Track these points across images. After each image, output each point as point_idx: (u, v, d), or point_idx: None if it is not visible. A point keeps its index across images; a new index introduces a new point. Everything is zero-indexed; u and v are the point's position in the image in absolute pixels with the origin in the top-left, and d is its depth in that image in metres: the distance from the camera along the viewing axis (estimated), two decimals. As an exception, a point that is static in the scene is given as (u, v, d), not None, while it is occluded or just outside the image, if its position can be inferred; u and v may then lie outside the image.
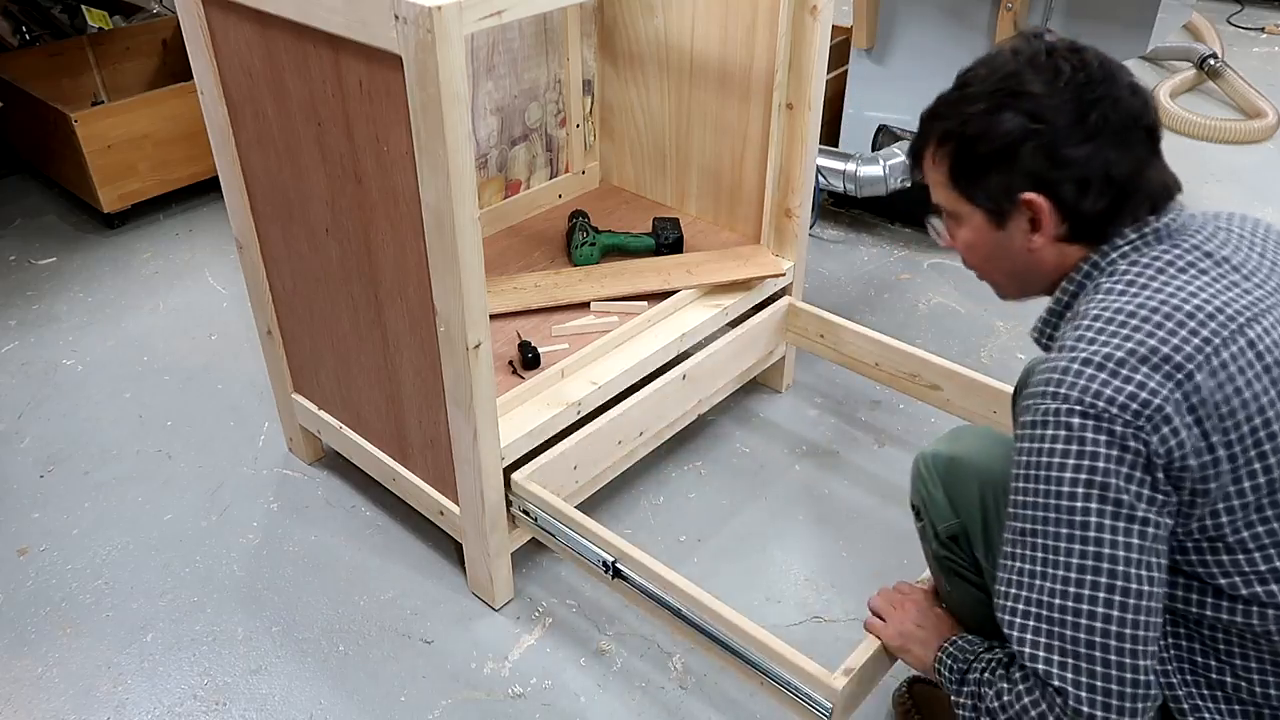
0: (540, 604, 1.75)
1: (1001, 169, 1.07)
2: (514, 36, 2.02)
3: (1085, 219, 1.06)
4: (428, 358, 1.53)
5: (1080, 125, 1.03)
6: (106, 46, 3.21)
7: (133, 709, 1.58)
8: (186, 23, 1.56)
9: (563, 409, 1.65)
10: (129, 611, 1.74)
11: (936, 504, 1.28)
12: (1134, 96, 1.05)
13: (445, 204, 1.30)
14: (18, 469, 2.06)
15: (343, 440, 1.86)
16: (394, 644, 1.68)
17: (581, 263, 1.98)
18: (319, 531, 1.90)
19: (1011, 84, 1.06)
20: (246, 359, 2.36)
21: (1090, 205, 1.05)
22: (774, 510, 1.94)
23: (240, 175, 1.68)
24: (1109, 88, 1.04)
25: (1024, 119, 1.04)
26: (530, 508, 1.63)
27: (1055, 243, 1.09)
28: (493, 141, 2.09)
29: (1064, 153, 1.04)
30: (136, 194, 2.90)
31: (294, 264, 1.71)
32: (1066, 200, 1.05)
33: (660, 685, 1.61)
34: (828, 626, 1.71)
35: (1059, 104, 1.03)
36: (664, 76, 2.06)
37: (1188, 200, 1.11)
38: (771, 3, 1.78)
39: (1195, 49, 3.93)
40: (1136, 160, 1.05)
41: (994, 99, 1.06)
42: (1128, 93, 1.04)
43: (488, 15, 1.22)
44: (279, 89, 1.49)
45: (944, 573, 1.31)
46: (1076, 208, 1.06)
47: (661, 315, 1.86)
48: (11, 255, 2.82)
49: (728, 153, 2.02)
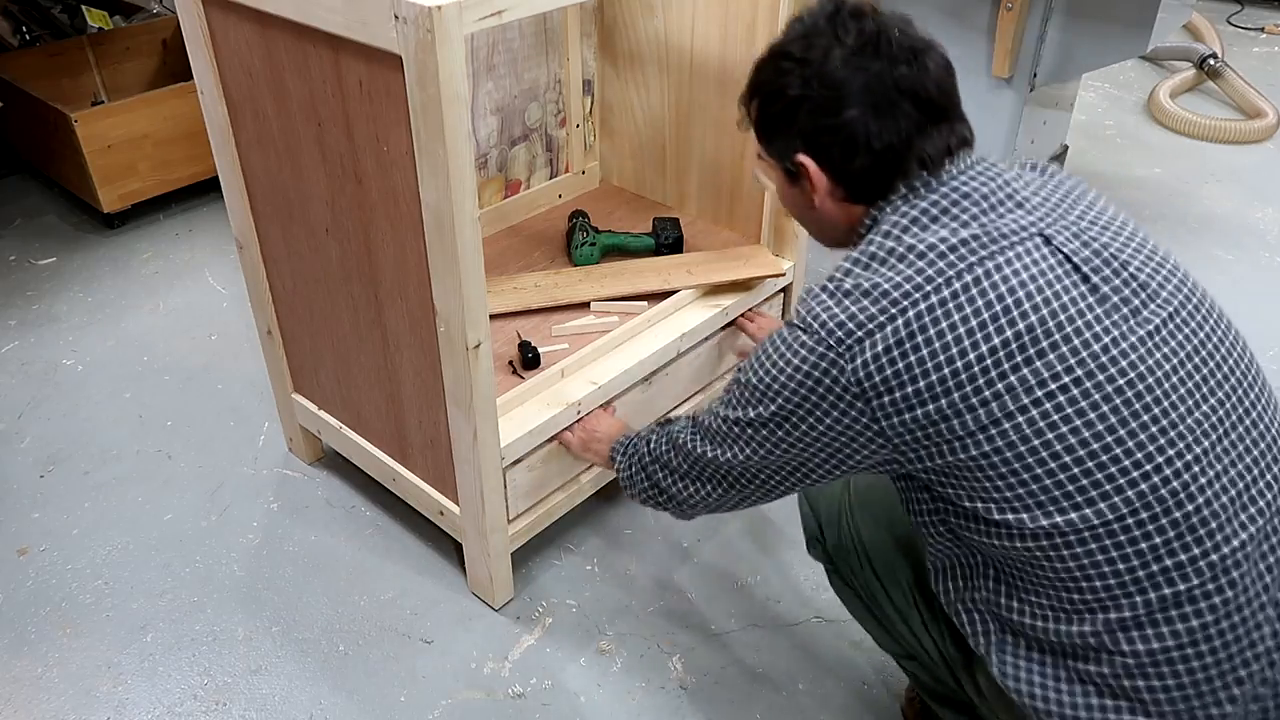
0: (540, 604, 1.75)
1: (785, 130, 1.12)
2: (514, 36, 2.02)
3: (855, 181, 1.10)
4: (428, 358, 1.53)
5: (845, 92, 1.06)
6: (106, 46, 3.21)
7: (133, 709, 1.58)
8: (186, 23, 1.56)
9: (563, 409, 1.65)
10: (129, 611, 1.74)
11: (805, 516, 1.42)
12: (909, 66, 1.06)
13: (445, 204, 1.30)
14: (18, 469, 2.06)
15: (343, 440, 1.86)
16: (394, 644, 1.68)
17: (581, 263, 1.98)
18: (319, 531, 1.90)
19: (796, 47, 1.10)
20: (246, 359, 2.36)
21: (856, 168, 1.09)
22: (774, 510, 1.94)
23: (240, 175, 1.68)
24: (879, 56, 1.06)
25: (800, 83, 1.08)
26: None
27: (838, 201, 1.14)
28: (493, 141, 2.09)
29: (829, 118, 1.07)
30: (136, 194, 2.90)
31: (294, 264, 1.71)
32: (834, 163, 1.10)
33: (660, 685, 1.61)
34: (829, 626, 1.71)
35: (830, 70, 1.07)
36: (664, 76, 2.06)
37: (1188, 202, 1.11)
38: (771, 3, 1.78)
39: (1195, 49, 3.93)
40: (900, 130, 1.06)
41: (782, 61, 1.11)
42: (902, 61, 1.06)
43: (488, 15, 1.22)
44: (279, 89, 1.49)
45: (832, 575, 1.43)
46: (844, 170, 1.10)
47: (661, 315, 1.86)
48: (11, 255, 2.82)
49: (728, 152, 2.02)
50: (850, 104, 1.06)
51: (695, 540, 1.88)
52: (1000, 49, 2.55)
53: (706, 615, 1.73)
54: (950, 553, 1.14)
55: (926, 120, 1.07)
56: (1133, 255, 1.06)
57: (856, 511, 1.34)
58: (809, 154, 1.11)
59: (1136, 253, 1.07)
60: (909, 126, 1.07)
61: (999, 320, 0.99)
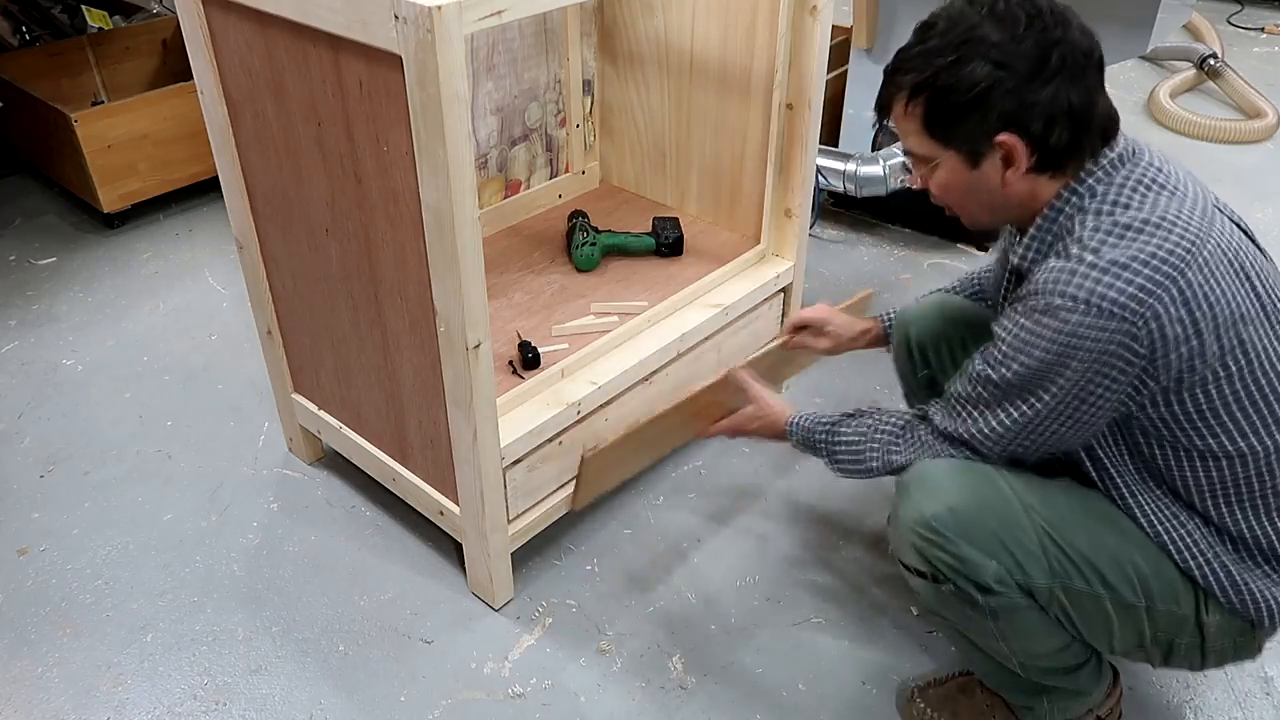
0: (540, 604, 1.75)
1: (975, 115, 1.18)
2: (514, 36, 2.02)
3: (1052, 151, 1.19)
4: (428, 358, 1.53)
5: (1043, 67, 1.14)
6: (106, 46, 3.21)
7: (133, 709, 1.58)
8: (186, 23, 1.56)
9: (563, 409, 1.65)
10: (129, 611, 1.74)
11: (970, 561, 1.24)
12: (1083, 35, 1.17)
13: (445, 204, 1.30)
14: (18, 469, 2.06)
15: (343, 440, 1.86)
16: (394, 644, 1.68)
17: (581, 263, 1.98)
18: (319, 531, 1.90)
19: (975, 34, 1.16)
20: (246, 359, 2.36)
21: (1056, 139, 1.17)
22: (774, 510, 1.94)
23: (240, 175, 1.68)
24: (1063, 30, 1.15)
25: (990, 66, 1.15)
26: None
27: (1026, 175, 1.21)
28: (493, 141, 2.09)
29: (1030, 94, 1.15)
30: (136, 194, 2.90)
31: (294, 264, 1.71)
32: (1036, 136, 1.17)
33: (660, 685, 1.61)
34: (829, 626, 1.71)
35: (1020, 50, 1.14)
36: (664, 76, 2.06)
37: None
38: (771, 3, 1.78)
39: (1195, 49, 3.93)
40: (1089, 93, 1.17)
41: (960, 49, 1.16)
42: (1078, 33, 1.16)
43: (488, 15, 1.22)
44: (279, 89, 1.49)
45: (993, 617, 1.28)
46: (1045, 142, 1.18)
47: (661, 315, 1.86)
48: (11, 255, 2.82)
49: (728, 153, 2.02)
50: (1048, 76, 1.14)
51: (695, 540, 1.88)
52: (1000, 49, 2.55)
53: (706, 615, 1.73)
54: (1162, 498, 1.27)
55: (1102, 79, 1.19)
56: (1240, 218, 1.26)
57: (1056, 530, 1.25)
58: (1012, 130, 1.17)
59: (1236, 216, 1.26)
60: (1095, 88, 1.18)
61: (1240, 277, 1.15)
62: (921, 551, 1.26)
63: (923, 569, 1.28)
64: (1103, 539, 1.25)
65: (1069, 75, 1.14)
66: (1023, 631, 1.29)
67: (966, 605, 1.27)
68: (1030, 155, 1.18)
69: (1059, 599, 1.26)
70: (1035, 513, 1.25)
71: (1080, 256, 1.14)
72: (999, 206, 1.26)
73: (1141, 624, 1.28)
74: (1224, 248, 1.15)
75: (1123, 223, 1.15)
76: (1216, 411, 1.18)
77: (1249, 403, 1.17)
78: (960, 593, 1.26)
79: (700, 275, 1.94)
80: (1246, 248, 1.19)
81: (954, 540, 1.23)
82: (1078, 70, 1.15)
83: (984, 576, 1.23)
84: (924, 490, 1.27)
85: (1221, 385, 1.16)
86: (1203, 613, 1.27)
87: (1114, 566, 1.25)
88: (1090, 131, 1.18)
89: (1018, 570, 1.24)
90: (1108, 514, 1.28)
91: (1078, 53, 1.15)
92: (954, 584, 1.25)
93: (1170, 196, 1.17)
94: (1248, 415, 1.18)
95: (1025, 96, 1.15)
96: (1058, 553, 1.24)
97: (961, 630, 1.35)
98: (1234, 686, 1.61)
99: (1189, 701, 1.59)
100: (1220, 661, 1.32)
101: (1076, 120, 1.16)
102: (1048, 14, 1.15)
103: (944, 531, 1.23)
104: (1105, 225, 1.15)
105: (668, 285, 1.93)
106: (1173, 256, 1.11)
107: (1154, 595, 1.26)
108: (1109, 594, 1.25)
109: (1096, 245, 1.14)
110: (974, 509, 1.24)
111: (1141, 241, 1.12)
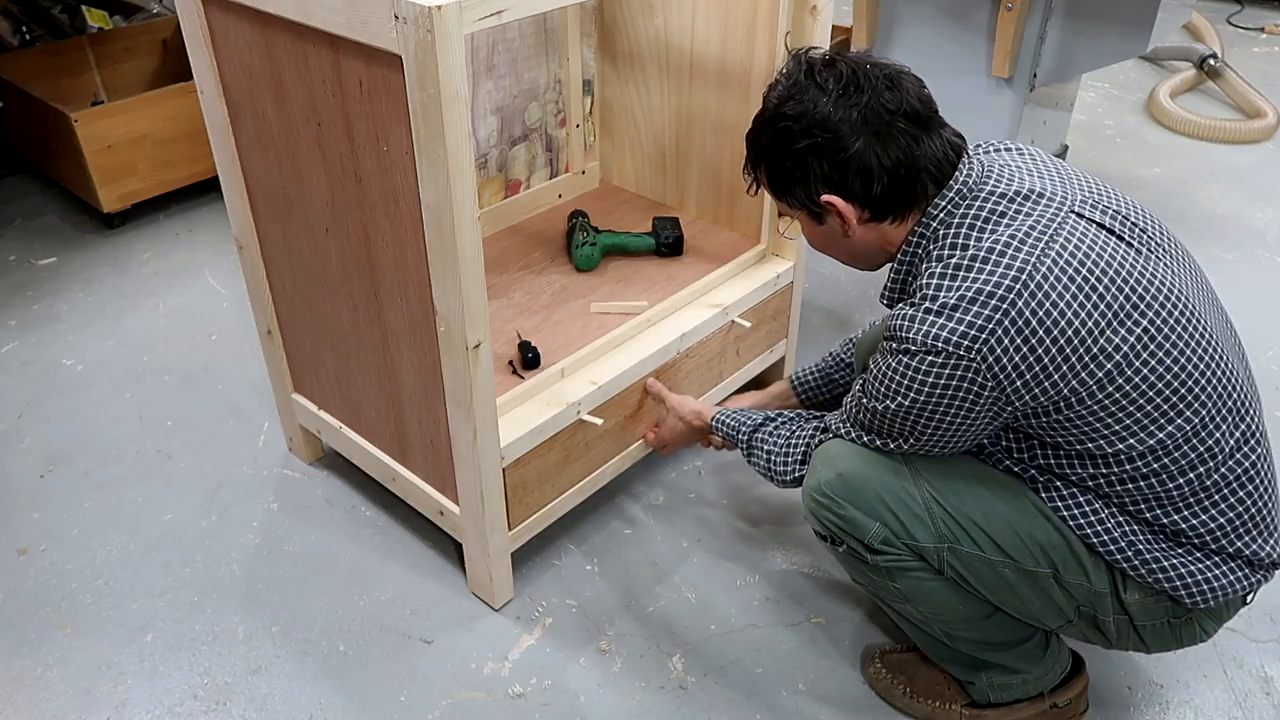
0: (540, 604, 1.75)
1: (800, 179, 1.27)
2: (514, 36, 2.02)
3: (879, 203, 1.26)
4: (428, 358, 1.53)
5: (846, 129, 1.22)
6: (106, 46, 3.21)
7: (133, 709, 1.58)
8: (186, 23, 1.56)
9: (563, 409, 1.65)
10: (129, 611, 1.74)
11: (854, 522, 1.34)
12: (890, 90, 1.23)
13: (445, 204, 1.31)
14: (18, 469, 2.06)
15: (343, 440, 1.86)
16: (394, 644, 1.68)
17: (581, 262, 1.98)
18: (319, 531, 1.90)
19: (787, 107, 1.25)
20: (246, 359, 2.36)
21: (878, 192, 1.24)
22: (774, 510, 1.94)
23: (240, 175, 1.68)
24: (872, 92, 1.22)
25: (802, 134, 1.24)
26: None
27: (868, 225, 1.29)
28: (493, 141, 2.09)
29: (840, 156, 1.23)
30: (136, 194, 2.90)
31: (294, 264, 1.71)
32: (857, 194, 1.25)
33: (660, 685, 1.61)
34: (828, 626, 1.71)
35: (824, 115, 1.22)
36: (664, 76, 2.06)
37: (1188, 202, 1.19)
38: (771, 3, 1.78)
39: (1195, 49, 3.93)
40: (902, 147, 1.23)
41: (777, 121, 1.26)
42: (883, 88, 1.22)
43: (488, 15, 1.22)
44: (279, 89, 1.49)
45: (889, 577, 1.37)
46: (869, 197, 1.25)
47: (661, 315, 1.86)
48: (11, 255, 2.82)
49: (728, 152, 2.02)
50: (854, 137, 1.22)
51: (695, 540, 1.88)
52: (1000, 49, 2.55)
53: (706, 615, 1.73)
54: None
55: (920, 131, 1.23)
56: (1129, 209, 1.27)
57: (944, 496, 1.32)
58: (832, 191, 1.26)
59: (1129, 206, 1.28)
60: (908, 141, 1.23)
61: (1084, 290, 1.16)
62: (815, 514, 1.38)
63: (821, 531, 1.40)
64: (996, 508, 1.31)
65: (873, 134, 1.21)
66: (924, 595, 1.37)
67: (862, 565, 1.38)
68: (860, 210, 1.27)
69: (949, 562, 1.33)
70: (925, 480, 1.33)
71: (919, 302, 1.21)
72: (859, 254, 1.35)
73: (1054, 594, 1.32)
74: (1064, 264, 1.17)
75: (954, 263, 1.20)
76: (1086, 419, 1.21)
77: (1122, 406, 1.20)
78: (852, 552, 1.37)
79: (700, 275, 1.94)
80: (1102, 250, 1.19)
81: (840, 503, 1.34)
82: (883, 127, 1.21)
83: (868, 536, 1.33)
84: (823, 460, 1.38)
85: (1083, 397, 1.19)
86: (1120, 589, 1.31)
87: (1008, 533, 1.30)
88: (915, 180, 1.24)
89: (904, 533, 1.32)
90: (1008, 486, 1.33)
91: (882, 111, 1.21)
92: (847, 544, 1.37)
93: (1009, 224, 1.20)
94: (1120, 419, 1.20)
95: (836, 158, 1.23)
96: (945, 516, 1.31)
97: (876, 594, 1.45)
98: (1234, 686, 1.61)
99: (1189, 701, 1.59)
100: (1164, 644, 1.35)
101: (894, 174, 1.23)
102: (864, 76, 1.22)
103: (832, 494, 1.34)
104: (938, 270, 1.21)
105: (668, 285, 1.93)
106: (1000, 289, 1.16)
107: (1058, 565, 1.31)
108: (1006, 561, 1.31)
109: (934, 291, 1.20)
110: (861, 475, 1.33)
111: (970, 279, 1.18)
